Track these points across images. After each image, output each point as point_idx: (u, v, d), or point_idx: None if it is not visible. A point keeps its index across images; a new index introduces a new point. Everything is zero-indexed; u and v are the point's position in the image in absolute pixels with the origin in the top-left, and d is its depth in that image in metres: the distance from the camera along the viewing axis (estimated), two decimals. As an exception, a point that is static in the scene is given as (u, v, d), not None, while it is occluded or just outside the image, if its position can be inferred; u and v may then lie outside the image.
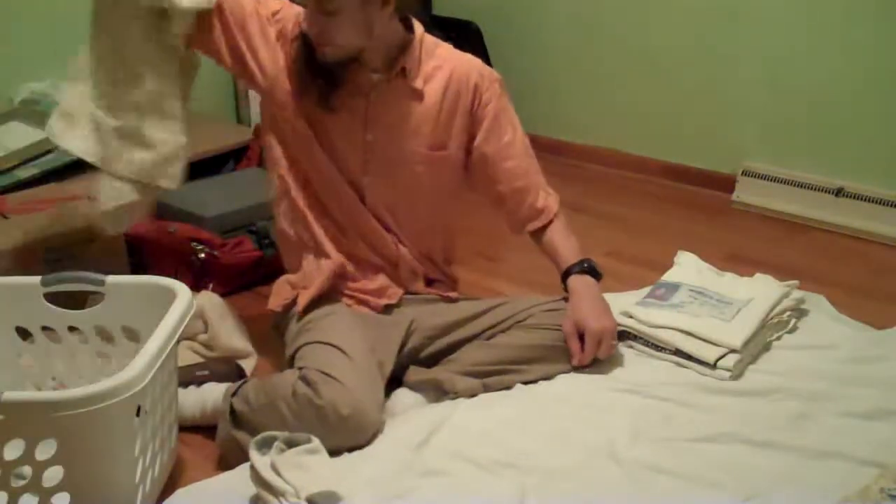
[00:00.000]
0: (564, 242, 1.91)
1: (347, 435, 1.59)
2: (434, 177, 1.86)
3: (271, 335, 1.96)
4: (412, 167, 1.84)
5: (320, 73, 1.73)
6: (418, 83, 1.79)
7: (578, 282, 1.86)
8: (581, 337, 1.81)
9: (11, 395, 1.29)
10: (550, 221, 1.93)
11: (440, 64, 1.82)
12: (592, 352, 1.81)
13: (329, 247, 1.85)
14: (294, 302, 1.84)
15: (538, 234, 1.95)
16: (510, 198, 1.92)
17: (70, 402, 1.28)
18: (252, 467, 1.47)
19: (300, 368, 1.66)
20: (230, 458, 1.63)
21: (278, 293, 1.91)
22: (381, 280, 1.88)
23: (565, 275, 1.87)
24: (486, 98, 1.84)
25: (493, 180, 1.90)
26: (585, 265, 1.88)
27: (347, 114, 1.78)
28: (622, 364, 1.93)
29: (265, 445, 1.50)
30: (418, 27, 1.81)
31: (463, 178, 1.92)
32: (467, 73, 1.83)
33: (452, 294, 1.96)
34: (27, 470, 1.34)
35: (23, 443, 1.31)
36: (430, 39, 1.83)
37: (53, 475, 1.34)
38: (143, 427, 1.42)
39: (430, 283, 1.95)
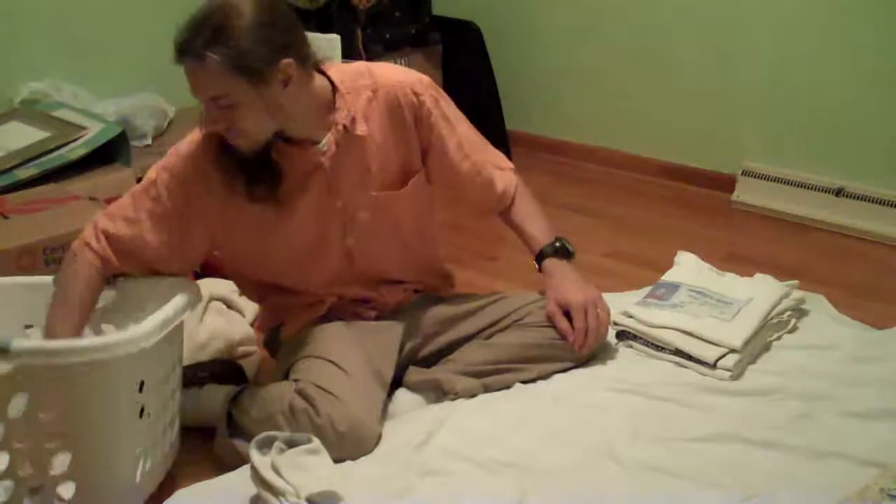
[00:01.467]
0: (532, 221, 1.88)
1: (346, 450, 1.59)
2: (414, 204, 1.81)
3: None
4: (392, 209, 1.77)
5: (260, 176, 1.62)
6: (362, 129, 1.67)
7: (553, 264, 1.84)
8: (568, 316, 1.80)
9: (21, 342, 1.31)
10: (512, 201, 1.90)
11: (369, 95, 1.70)
12: (583, 326, 1.79)
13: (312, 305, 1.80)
14: (280, 325, 1.84)
15: (504, 214, 1.92)
16: (472, 193, 1.88)
17: (77, 349, 1.31)
18: (252, 467, 1.47)
19: (296, 380, 1.66)
20: (228, 463, 1.63)
21: (265, 319, 1.90)
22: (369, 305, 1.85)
23: (539, 256, 1.85)
24: (423, 112, 1.75)
25: (453, 184, 1.85)
26: (557, 245, 1.86)
27: (309, 198, 1.68)
28: (622, 364, 1.93)
29: (265, 445, 1.50)
30: (331, 68, 1.68)
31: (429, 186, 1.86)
32: (396, 95, 1.72)
33: (445, 292, 1.95)
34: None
35: (26, 396, 1.33)
36: (347, 72, 1.71)
37: (56, 429, 1.35)
38: (146, 397, 1.42)
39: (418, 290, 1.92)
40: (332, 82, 1.66)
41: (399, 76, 1.76)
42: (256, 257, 1.74)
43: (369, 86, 1.71)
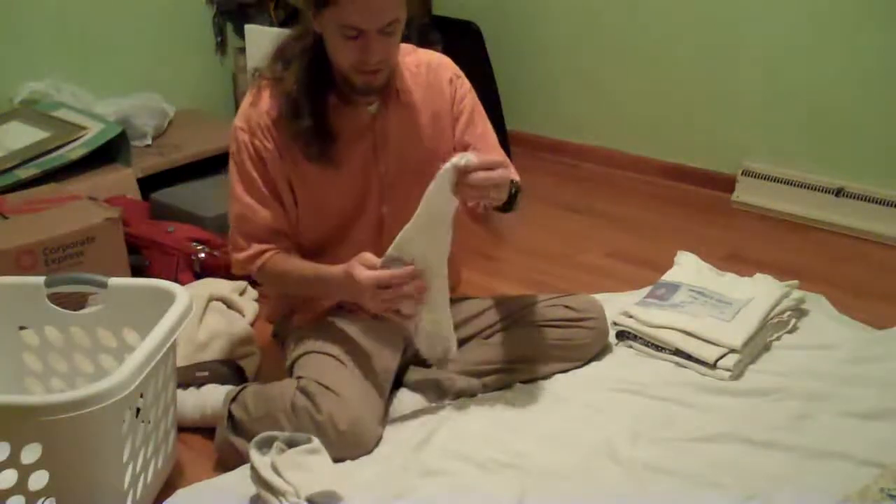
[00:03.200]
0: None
1: (346, 448, 1.59)
2: None
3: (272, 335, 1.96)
4: (426, 181, 1.76)
5: (317, 135, 1.66)
6: (409, 98, 1.74)
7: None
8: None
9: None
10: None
11: (415, 69, 1.76)
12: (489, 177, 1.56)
13: None
14: (292, 312, 1.84)
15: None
16: None
17: (54, 406, 1.27)
18: (252, 467, 1.47)
19: (299, 378, 1.66)
20: (228, 462, 1.63)
21: (275, 308, 1.91)
22: None
23: None
24: (460, 93, 1.80)
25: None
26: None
27: (356, 158, 1.72)
28: (622, 364, 1.93)
29: (265, 445, 1.50)
30: None
31: None
32: (441, 72, 1.79)
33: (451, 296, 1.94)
34: (12, 474, 1.33)
35: (8, 446, 1.31)
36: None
37: (39, 480, 1.33)
38: (133, 432, 1.41)
39: None
40: None
41: (443, 59, 1.82)
42: (310, 214, 1.76)
43: (415, 61, 1.77)
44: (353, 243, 1.75)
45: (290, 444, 1.51)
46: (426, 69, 1.77)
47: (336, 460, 1.55)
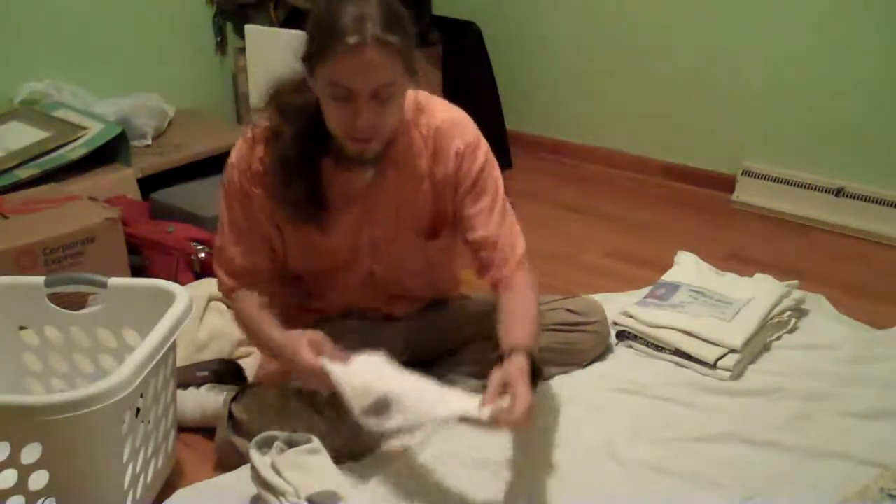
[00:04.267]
0: (523, 315, 1.59)
1: (345, 452, 1.59)
2: (444, 246, 1.77)
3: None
4: (421, 250, 1.73)
5: (307, 202, 1.58)
6: (412, 164, 1.61)
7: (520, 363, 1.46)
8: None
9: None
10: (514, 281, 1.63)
11: (426, 133, 1.62)
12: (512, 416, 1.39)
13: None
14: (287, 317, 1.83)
15: (499, 286, 1.64)
16: (475, 257, 1.68)
17: (54, 406, 1.27)
18: (252, 467, 1.47)
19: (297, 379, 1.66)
20: (228, 463, 1.63)
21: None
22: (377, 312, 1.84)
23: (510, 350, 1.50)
24: (466, 166, 1.63)
25: (464, 240, 1.70)
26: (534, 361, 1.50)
27: (346, 223, 1.64)
28: (622, 364, 1.93)
29: (265, 445, 1.50)
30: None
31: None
32: (451, 141, 1.62)
33: (451, 295, 1.94)
34: (12, 474, 1.33)
35: (8, 446, 1.31)
36: (409, 99, 1.59)
37: (39, 480, 1.33)
38: (133, 432, 1.41)
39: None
40: None
41: (457, 123, 1.65)
42: (298, 260, 1.71)
43: (427, 123, 1.62)
44: (344, 289, 1.74)
45: (290, 444, 1.51)
46: (436, 134, 1.62)
47: (336, 461, 1.55)
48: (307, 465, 1.47)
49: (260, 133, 1.61)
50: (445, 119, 1.63)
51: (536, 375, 1.48)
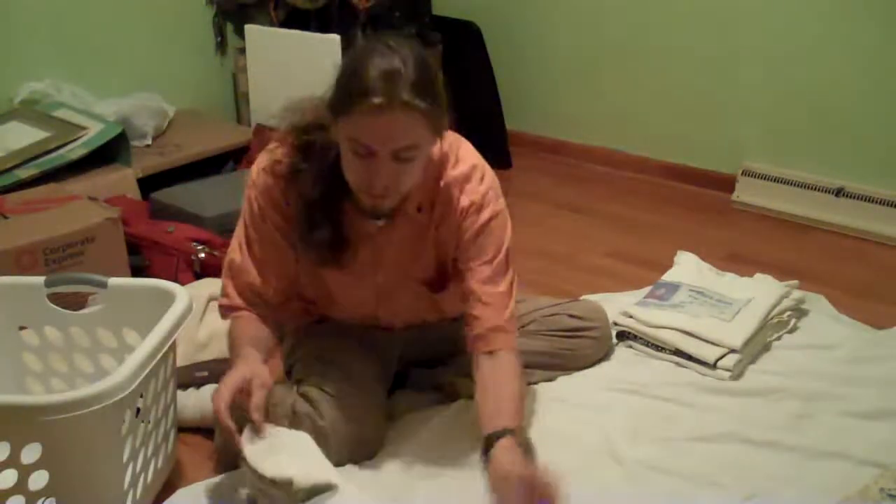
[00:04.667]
0: (503, 392, 1.51)
1: (349, 455, 1.59)
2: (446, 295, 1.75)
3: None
4: (426, 293, 1.72)
5: (331, 245, 1.57)
6: (422, 214, 1.60)
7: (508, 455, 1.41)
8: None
9: None
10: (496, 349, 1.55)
11: (436, 182, 1.58)
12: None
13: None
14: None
15: (478, 354, 1.56)
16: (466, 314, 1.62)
17: (54, 406, 1.27)
18: (244, 460, 1.44)
19: (299, 382, 1.65)
20: (229, 463, 1.62)
21: None
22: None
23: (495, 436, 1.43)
24: (468, 224, 1.58)
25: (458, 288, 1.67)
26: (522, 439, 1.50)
27: (357, 264, 1.62)
28: (622, 364, 1.93)
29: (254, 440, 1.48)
30: None
31: None
32: (460, 196, 1.58)
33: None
34: (12, 474, 1.33)
35: (8, 445, 1.31)
36: (435, 148, 1.55)
37: (39, 480, 1.33)
38: (133, 432, 1.41)
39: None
40: None
41: (467, 175, 1.59)
42: (308, 282, 1.70)
43: (440, 176, 1.58)
44: (348, 308, 1.73)
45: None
46: (445, 188, 1.58)
47: (337, 464, 1.54)
48: (298, 451, 1.45)
49: (280, 165, 1.56)
50: (458, 176, 1.59)
51: (528, 453, 1.48)
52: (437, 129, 1.44)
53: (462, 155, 1.60)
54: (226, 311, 1.66)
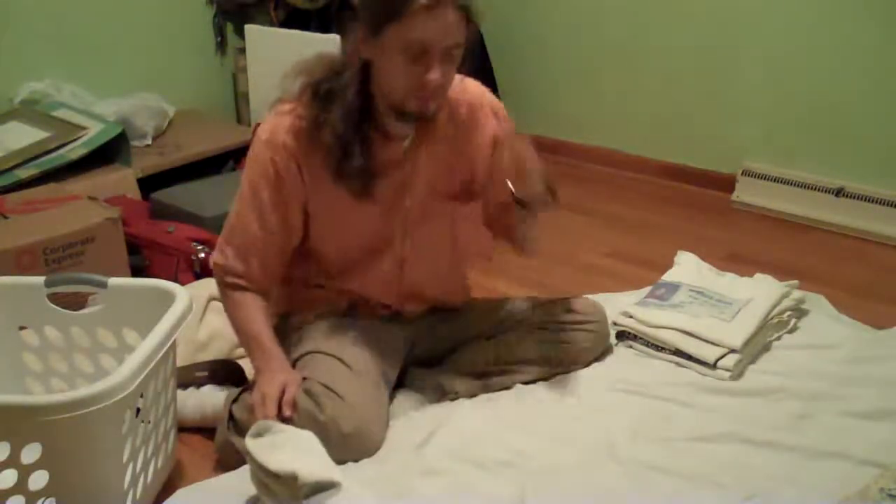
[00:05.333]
0: None
1: (349, 451, 1.58)
2: (469, 228, 1.82)
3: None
4: (451, 223, 1.78)
5: (364, 172, 1.62)
6: (444, 134, 1.69)
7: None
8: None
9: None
10: None
11: (457, 101, 1.70)
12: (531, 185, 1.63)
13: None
14: (291, 312, 1.82)
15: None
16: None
17: (54, 406, 1.27)
18: (250, 459, 1.43)
19: (303, 379, 1.66)
20: (228, 463, 1.63)
21: (276, 305, 1.89)
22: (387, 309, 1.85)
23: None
24: (505, 124, 1.76)
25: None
26: None
27: (385, 193, 1.67)
28: (622, 364, 1.93)
29: (259, 435, 1.48)
30: None
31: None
32: (482, 110, 1.74)
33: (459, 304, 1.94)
34: (12, 474, 1.33)
35: (8, 445, 1.31)
36: None
37: (39, 480, 1.33)
38: (133, 432, 1.41)
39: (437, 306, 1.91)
40: None
41: (486, 92, 1.77)
42: (329, 243, 1.73)
43: (459, 93, 1.69)
44: (376, 275, 1.75)
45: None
46: (469, 104, 1.72)
47: (338, 462, 1.54)
48: (302, 447, 1.45)
49: (289, 108, 1.63)
50: (477, 92, 1.74)
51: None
52: (469, 36, 1.55)
53: (472, 81, 1.74)
54: (221, 272, 1.69)
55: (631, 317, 2.00)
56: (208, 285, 2.10)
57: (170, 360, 1.54)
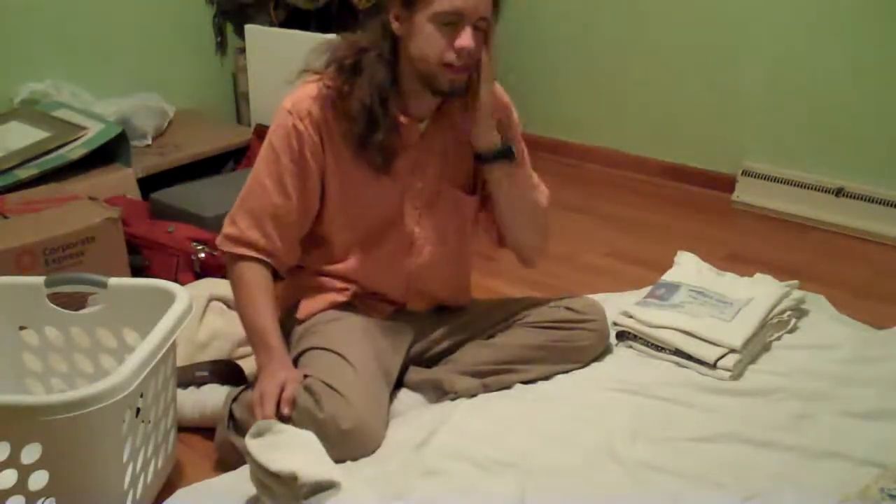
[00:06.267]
0: None
1: (348, 449, 1.58)
2: (473, 219, 1.86)
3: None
4: (459, 210, 1.81)
5: (382, 138, 1.65)
6: (456, 118, 1.72)
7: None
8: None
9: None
10: None
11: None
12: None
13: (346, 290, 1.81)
14: (297, 305, 1.83)
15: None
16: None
17: (54, 406, 1.27)
18: (250, 460, 1.44)
19: (304, 376, 1.66)
20: (228, 463, 1.63)
21: (283, 297, 1.88)
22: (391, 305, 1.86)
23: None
24: (512, 117, 1.80)
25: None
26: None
27: (400, 171, 1.72)
28: (622, 364, 1.93)
29: (259, 435, 1.48)
30: None
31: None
32: (499, 97, 1.77)
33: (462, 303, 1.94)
34: (12, 474, 1.33)
35: (8, 445, 1.31)
36: None
37: (39, 480, 1.33)
38: (133, 432, 1.41)
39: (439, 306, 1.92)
40: None
41: (502, 92, 1.80)
42: (341, 215, 1.75)
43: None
44: (383, 256, 1.76)
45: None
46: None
47: (337, 461, 1.54)
48: (302, 447, 1.45)
49: (315, 80, 1.67)
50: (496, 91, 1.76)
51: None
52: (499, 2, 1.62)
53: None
54: (231, 241, 1.70)
55: (631, 317, 2.00)
56: (208, 285, 2.11)
57: (170, 360, 1.54)
